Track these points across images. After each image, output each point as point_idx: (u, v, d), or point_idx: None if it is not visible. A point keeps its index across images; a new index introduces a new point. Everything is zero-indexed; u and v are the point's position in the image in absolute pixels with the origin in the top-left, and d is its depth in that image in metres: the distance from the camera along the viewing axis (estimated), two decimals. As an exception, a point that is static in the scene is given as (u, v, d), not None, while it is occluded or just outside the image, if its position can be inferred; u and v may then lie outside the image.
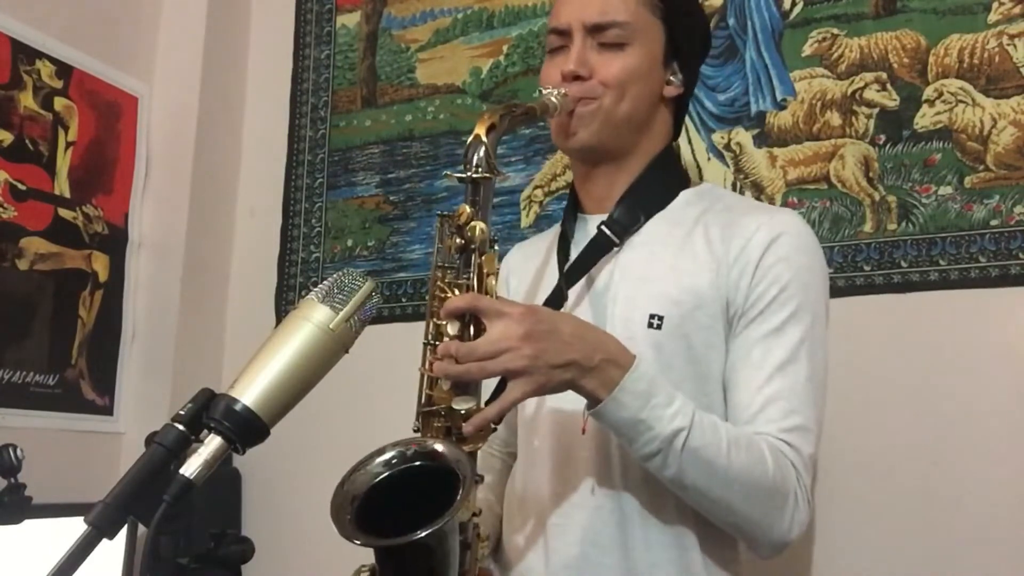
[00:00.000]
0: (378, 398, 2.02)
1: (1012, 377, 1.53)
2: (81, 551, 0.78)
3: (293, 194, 2.23)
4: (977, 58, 1.63)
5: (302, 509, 2.04)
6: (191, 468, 0.81)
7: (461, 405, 1.06)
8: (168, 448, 0.82)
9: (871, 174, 1.68)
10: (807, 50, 1.76)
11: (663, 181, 1.31)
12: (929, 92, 1.66)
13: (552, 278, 1.31)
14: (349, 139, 2.19)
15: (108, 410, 2.07)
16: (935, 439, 1.56)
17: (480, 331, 1.06)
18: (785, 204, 1.73)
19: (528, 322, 1.04)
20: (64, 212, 2.01)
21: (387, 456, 1.01)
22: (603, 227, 1.27)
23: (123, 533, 0.84)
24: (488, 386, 1.12)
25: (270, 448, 0.91)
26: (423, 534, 0.92)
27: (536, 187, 1.97)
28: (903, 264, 1.64)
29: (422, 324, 2.14)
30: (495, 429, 1.09)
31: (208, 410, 0.84)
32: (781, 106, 1.76)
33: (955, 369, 1.57)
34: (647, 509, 1.17)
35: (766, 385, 1.16)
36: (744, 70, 1.80)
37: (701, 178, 1.80)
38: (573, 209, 1.36)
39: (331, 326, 0.88)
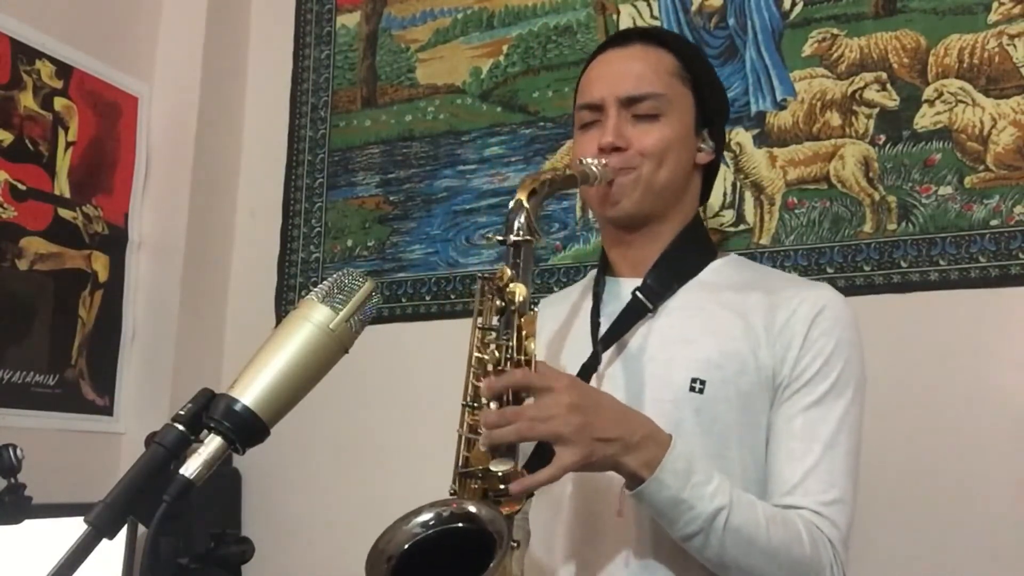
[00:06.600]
0: (378, 398, 2.02)
1: (1012, 377, 1.54)
2: (81, 551, 0.77)
3: (293, 194, 2.23)
4: (977, 58, 1.63)
5: (302, 509, 2.05)
6: (191, 468, 0.81)
7: (499, 467, 1.05)
8: (168, 448, 0.82)
9: (871, 174, 1.68)
10: (807, 50, 1.76)
11: (694, 249, 1.34)
12: (929, 92, 1.66)
13: (580, 337, 1.31)
14: (349, 139, 2.19)
15: (108, 410, 2.07)
16: (935, 439, 1.57)
17: (519, 400, 1.06)
18: (785, 204, 1.73)
19: (574, 394, 1.05)
20: (64, 212, 2.01)
21: (424, 517, 1.01)
22: (637, 292, 1.29)
23: (123, 533, 0.84)
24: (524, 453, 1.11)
25: (270, 448, 0.91)
26: None
27: (536, 187, 1.96)
28: (903, 264, 1.64)
29: (422, 324, 2.11)
30: (532, 495, 1.08)
31: (208, 410, 0.83)
32: (781, 106, 1.76)
33: (955, 369, 1.58)
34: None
35: (807, 456, 1.16)
36: (744, 70, 1.81)
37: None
38: (603, 272, 1.37)
39: (331, 326, 0.87)
